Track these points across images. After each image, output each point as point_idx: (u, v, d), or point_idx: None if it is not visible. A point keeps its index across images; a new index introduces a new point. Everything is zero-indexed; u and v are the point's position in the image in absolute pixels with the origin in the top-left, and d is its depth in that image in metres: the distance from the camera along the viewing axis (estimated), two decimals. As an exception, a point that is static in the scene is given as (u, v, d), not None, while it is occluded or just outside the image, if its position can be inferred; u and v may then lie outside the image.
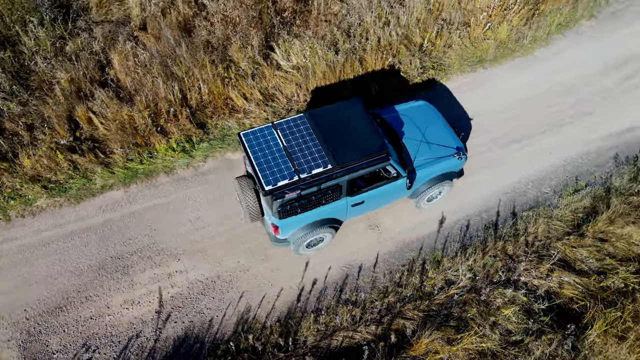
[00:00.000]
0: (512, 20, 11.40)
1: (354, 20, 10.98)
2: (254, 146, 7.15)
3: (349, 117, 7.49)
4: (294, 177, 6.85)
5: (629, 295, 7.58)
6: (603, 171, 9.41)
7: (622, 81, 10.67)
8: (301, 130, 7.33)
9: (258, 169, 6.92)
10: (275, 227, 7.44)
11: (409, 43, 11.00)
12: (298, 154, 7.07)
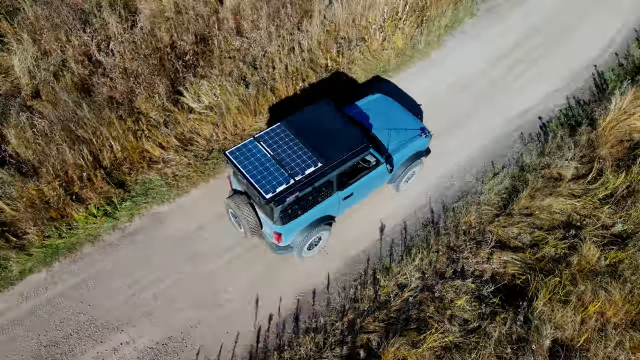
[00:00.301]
0: (404, 28, 12.11)
1: (257, 52, 11.09)
2: (242, 161, 7.45)
3: (323, 117, 8.04)
4: (289, 180, 7.21)
5: (562, 261, 8.14)
6: (513, 152, 10.14)
7: (509, 69, 11.64)
8: (283, 138, 7.71)
9: (253, 180, 7.23)
10: (279, 234, 7.64)
11: (315, 65, 11.29)
12: (287, 159, 7.44)
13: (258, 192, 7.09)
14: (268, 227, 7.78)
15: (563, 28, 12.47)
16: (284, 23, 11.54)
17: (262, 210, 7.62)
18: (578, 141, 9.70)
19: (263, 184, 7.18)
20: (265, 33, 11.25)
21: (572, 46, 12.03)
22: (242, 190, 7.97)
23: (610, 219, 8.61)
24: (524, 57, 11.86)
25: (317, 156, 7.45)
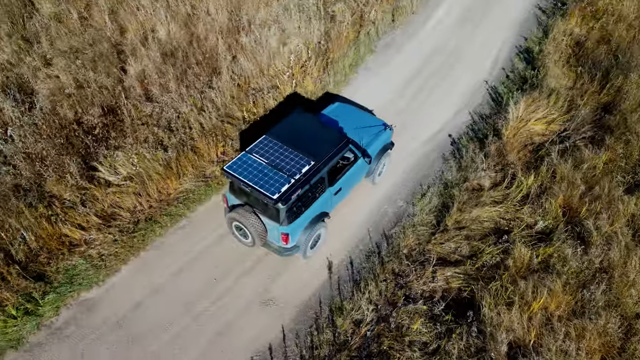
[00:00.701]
0: (312, 72, 12.58)
1: (171, 115, 10.90)
2: (241, 172, 8.10)
3: (301, 124, 9.04)
4: (290, 180, 7.91)
5: (500, 266, 8.54)
6: (435, 171, 10.68)
7: (414, 96, 12.42)
8: (272, 147, 8.48)
9: (257, 186, 7.85)
10: (286, 235, 8.16)
11: (232, 119, 11.30)
12: (282, 164, 8.18)
13: (265, 195, 7.72)
14: (273, 233, 8.26)
15: (453, 52, 13.62)
16: (194, 83, 11.52)
17: (267, 215, 8.16)
18: (488, 152, 10.45)
19: (267, 187, 7.81)
20: (176, 95, 11.13)
21: (464, 67, 13.13)
22: (242, 203, 8.42)
23: (531, 218, 9.24)
24: (424, 83, 12.74)
25: (308, 156, 8.24)
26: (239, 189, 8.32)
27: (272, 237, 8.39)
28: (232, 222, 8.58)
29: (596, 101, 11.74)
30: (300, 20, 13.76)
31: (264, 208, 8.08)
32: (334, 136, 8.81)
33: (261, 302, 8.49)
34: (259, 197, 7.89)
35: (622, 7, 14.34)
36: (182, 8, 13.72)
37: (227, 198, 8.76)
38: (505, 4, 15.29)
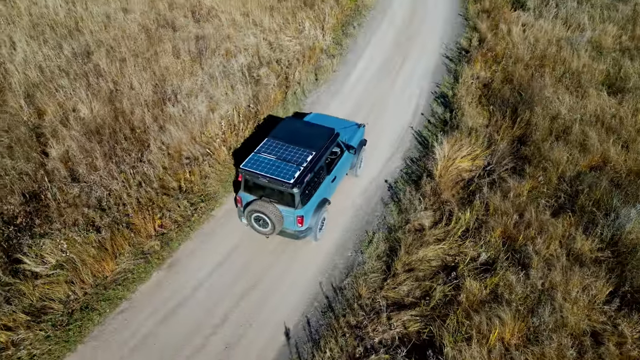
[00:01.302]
0: (244, 135, 12.68)
1: (101, 193, 10.40)
2: (257, 167, 9.37)
3: (296, 126, 10.61)
4: (300, 168, 9.32)
5: (453, 302, 8.68)
6: (378, 216, 10.91)
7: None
8: (276, 146, 9.85)
9: (274, 175, 9.16)
10: (301, 217, 9.39)
11: (169, 190, 10.98)
12: (289, 157, 9.56)
13: (282, 182, 9.05)
14: (289, 219, 9.45)
15: (377, 103, 14.40)
16: (123, 158, 11.17)
17: (283, 203, 9.35)
18: (425, 192, 10.89)
19: (282, 175, 9.14)
20: (105, 172, 10.69)
21: (389, 116, 13.87)
22: (257, 198, 9.52)
23: (474, 251, 9.59)
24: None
25: (309, 148, 9.75)
26: (254, 185, 9.50)
27: (288, 223, 9.57)
28: (252, 214, 9.49)
29: (511, 135, 12.76)
30: (226, 86, 14.02)
31: (280, 197, 9.36)
32: (324, 131, 10.45)
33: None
34: (275, 187, 9.22)
35: (516, 51, 16.07)
36: (103, 85, 13.52)
37: (242, 197, 9.78)
38: (417, 56, 16.60)
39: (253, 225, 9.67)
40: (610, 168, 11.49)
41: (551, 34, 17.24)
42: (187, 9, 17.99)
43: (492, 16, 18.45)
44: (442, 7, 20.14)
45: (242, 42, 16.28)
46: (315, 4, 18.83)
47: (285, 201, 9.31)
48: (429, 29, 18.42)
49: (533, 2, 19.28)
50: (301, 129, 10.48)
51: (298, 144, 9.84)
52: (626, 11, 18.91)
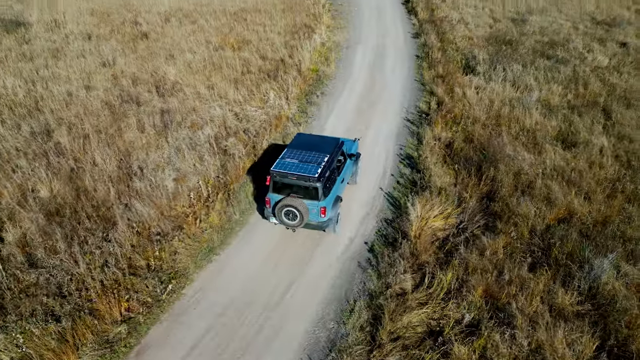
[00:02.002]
0: (215, 206, 12.38)
1: (61, 278, 9.69)
2: (285, 168, 11.12)
3: (307, 138, 12.81)
4: (320, 166, 11.12)
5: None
6: (358, 283, 10.61)
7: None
8: (296, 152, 11.65)
9: (301, 172, 10.93)
10: (324, 207, 11.07)
11: (137, 269, 10.38)
12: (308, 159, 11.37)
13: (308, 177, 10.86)
14: (314, 211, 11.11)
15: (347, 167, 14.58)
16: (86, 239, 10.58)
17: (308, 198, 11.02)
18: (403, 254, 10.77)
19: (307, 173, 10.92)
20: (66, 255, 10.04)
21: (359, 179, 13.98)
22: (284, 196, 11.15)
23: (458, 313, 9.38)
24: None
25: (323, 152, 11.66)
26: (282, 185, 11.20)
27: (313, 215, 11.18)
28: (283, 209, 10.99)
29: (478, 191, 13.05)
30: (194, 158, 13.87)
31: (305, 192, 11.04)
32: (332, 140, 12.62)
33: None
34: (300, 184, 10.98)
35: (473, 112, 16.91)
36: (64, 164, 13.09)
37: (270, 198, 11.34)
38: (379, 121, 17.15)
39: (283, 219, 11.18)
40: (577, 219, 11.82)
41: (503, 95, 18.32)
42: (151, 84, 18.13)
43: (446, 81, 19.52)
44: (399, 74, 21.21)
45: (208, 114, 16.39)
46: (279, 76, 19.43)
47: (310, 195, 11.05)
48: (389, 95, 19.24)
49: (482, 67, 20.61)
50: (313, 139, 12.66)
51: (313, 150, 11.76)
52: (567, 72, 20.48)
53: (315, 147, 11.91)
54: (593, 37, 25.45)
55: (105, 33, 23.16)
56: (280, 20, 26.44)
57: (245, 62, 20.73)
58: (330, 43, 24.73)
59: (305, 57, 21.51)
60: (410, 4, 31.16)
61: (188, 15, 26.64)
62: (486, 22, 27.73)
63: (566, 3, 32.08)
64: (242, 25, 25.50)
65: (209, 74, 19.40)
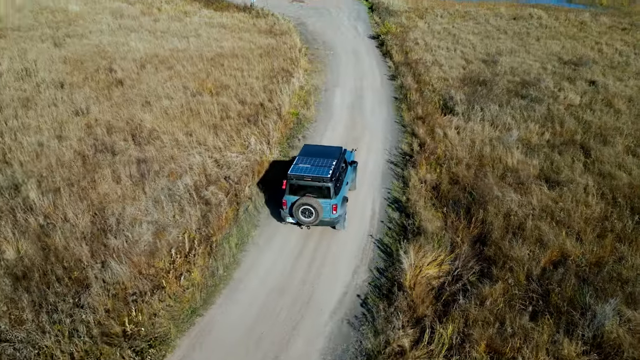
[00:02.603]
0: (197, 261, 11.66)
1: (28, 353, 8.73)
2: (299, 171, 12.69)
3: (314, 148, 14.42)
4: (330, 169, 12.68)
5: None
6: (353, 341, 9.93)
7: (309, 265, 12.18)
8: (307, 159, 13.16)
9: (315, 174, 12.53)
10: (335, 205, 12.50)
11: (111, 337, 9.48)
12: (319, 163, 12.91)
13: (321, 177, 12.37)
14: (326, 209, 12.42)
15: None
16: (56, 305, 9.69)
17: (321, 197, 12.42)
18: (399, 307, 10.22)
19: (321, 174, 12.44)
20: (33, 326, 9.11)
21: (351, 225, 13.53)
22: (300, 196, 12.51)
23: (462, 371, 8.82)
24: (316, 248, 12.68)
25: (330, 158, 13.22)
26: (297, 187, 12.63)
27: (326, 212, 12.50)
28: (300, 208, 12.38)
29: (469, 234, 12.76)
30: (173, 209, 13.22)
31: (319, 192, 12.50)
32: (336, 148, 14.30)
33: None
34: (314, 185, 12.49)
35: (456, 152, 16.89)
36: (33, 221, 12.24)
37: (287, 200, 12.71)
38: (363, 164, 16.91)
39: (300, 217, 12.55)
40: (571, 262, 11.57)
41: (483, 135, 18.44)
42: (127, 133, 17.56)
43: (427, 122, 19.60)
44: (379, 116, 21.26)
45: (187, 162, 15.84)
46: (259, 120, 19.16)
47: (323, 194, 12.50)
48: (370, 137, 19.15)
49: (460, 107, 20.85)
50: (319, 148, 14.44)
51: (322, 156, 13.34)
52: (542, 110, 20.90)
53: (323, 154, 13.60)
54: (562, 76, 26.34)
55: (79, 81, 22.62)
56: (258, 64, 26.49)
57: (224, 107, 20.44)
58: (309, 86, 24.81)
59: (285, 101, 21.40)
60: (384, 47, 31.86)
61: (164, 62, 26.41)
62: (459, 63, 28.44)
63: (533, 44, 33.40)
64: (220, 70, 25.39)
65: (187, 121, 18.98)
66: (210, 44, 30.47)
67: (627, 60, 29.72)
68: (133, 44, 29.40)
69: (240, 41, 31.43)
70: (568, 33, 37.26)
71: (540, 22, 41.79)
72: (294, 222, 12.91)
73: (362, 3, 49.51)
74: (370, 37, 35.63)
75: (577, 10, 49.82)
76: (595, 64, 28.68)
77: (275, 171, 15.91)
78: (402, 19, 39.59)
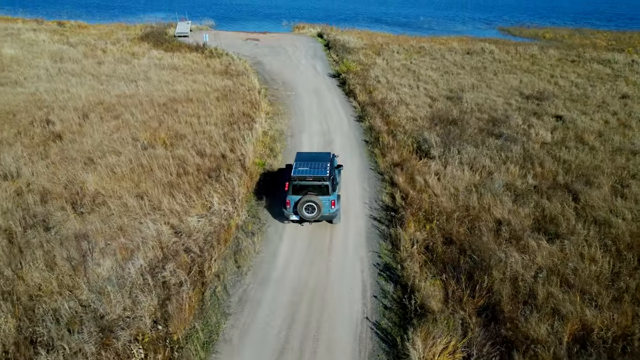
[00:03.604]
0: None
1: None
2: (302, 173, 14.40)
3: (307, 154, 16.38)
4: (327, 170, 14.59)
5: None
6: None
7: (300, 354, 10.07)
8: (304, 163, 15.08)
9: (316, 174, 14.32)
10: (334, 200, 14.31)
11: None
12: (316, 166, 14.83)
13: (321, 177, 14.25)
14: (326, 204, 14.20)
15: (316, 287, 12.14)
16: None
17: (321, 194, 14.22)
18: None
19: (320, 173, 14.33)
20: None
21: (336, 306, 11.55)
22: (302, 195, 14.15)
23: None
24: (302, 342, 10.55)
25: (324, 161, 15.16)
26: (299, 188, 14.17)
27: (325, 208, 14.12)
28: (304, 205, 13.91)
29: (475, 306, 11.12)
30: (123, 301, 10.80)
31: (318, 191, 14.15)
32: (326, 154, 16.00)
33: None
34: (314, 184, 14.14)
35: (441, 203, 15.45)
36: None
37: (290, 200, 14.15)
38: (344, 223, 15.11)
39: (304, 214, 13.93)
40: (596, 336, 10.10)
41: (465, 180, 17.22)
42: (66, 199, 14.97)
43: (404, 168, 18.20)
44: (352, 163, 19.69)
45: (139, 234, 13.45)
46: (221, 175, 17.08)
47: (322, 192, 14.07)
48: (346, 189, 17.43)
49: (436, 150, 19.68)
50: (312, 155, 16.10)
51: (316, 160, 15.14)
52: (518, 150, 20.09)
53: (316, 158, 15.42)
54: (528, 111, 26.06)
55: (9, 137, 19.74)
56: (216, 109, 24.54)
57: (181, 161, 18.24)
58: (273, 132, 23.07)
59: (249, 150, 19.47)
60: (347, 86, 30.82)
61: (110, 109, 23.95)
62: (424, 101, 27.71)
63: (492, 79, 33.48)
64: (174, 117, 23.21)
65: (138, 180, 16.60)
66: (162, 87, 28.31)
67: (585, 92, 30.14)
68: (74, 90, 26.79)
69: (195, 84, 29.47)
70: (522, 66, 37.91)
71: (493, 56, 42.57)
72: (296, 220, 14.42)
73: (318, 41, 49.03)
74: (331, 75, 34.66)
75: (524, 43, 51.58)
76: (556, 97, 28.78)
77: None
78: (359, 56, 39.08)
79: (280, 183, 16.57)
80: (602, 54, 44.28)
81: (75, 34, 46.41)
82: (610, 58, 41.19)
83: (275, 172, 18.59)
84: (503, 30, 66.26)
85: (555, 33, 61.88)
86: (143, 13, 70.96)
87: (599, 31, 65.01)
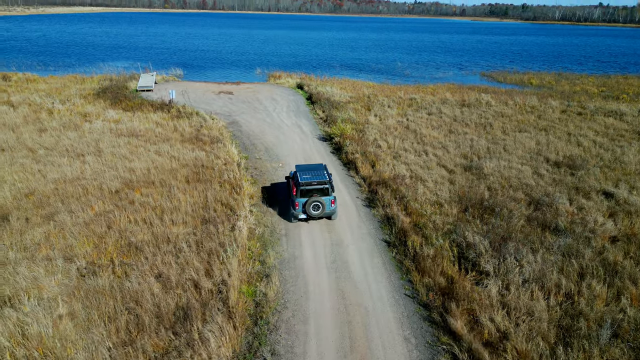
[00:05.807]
0: None
1: None
2: (307, 179, 17.78)
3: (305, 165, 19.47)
4: (326, 176, 18.18)
5: None
6: None
7: None
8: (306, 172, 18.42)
9: (319, 179, 17.74)
10: (333, 199, 17.61)
11: None
12: (316, 174, 18.26)
13: (323, 181, 17.60)
14: (327, 203, 17.50)
15: None
16: None
17: (323, 195, 17.52)
18: None
19: (322, 178, 17.77)
20: None
21: None
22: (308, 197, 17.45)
23: None
24: None
25: (320, 170, 18.79)
26: (306, 191, 17.46)
27: (327, 207, 17.53)
28: (312, 204, 17.22)
29: None
30: None
31: (321, 192, 17.55)
32: (319, 164, 19.58)
33: None
34: (317, 187, 17.47)
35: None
36: None
37: (299, 202, 17.39)
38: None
39: (311, 212, 17.29)
40: None
41: (545, 319, 12.06)
42: None
43: (456, 299, 12.92)
44: (376, 288, 14.21)
45: None
46: (194, 328, 11.33)
47: (324, 193, 17.57)
48: (377, 348, 11.94)
49: (489, 261, 14.58)
50: (309, 166, 19.35)
51: (314, 170, 18.78)
52: (590, 254, 15.24)
53: (313, 168, 19.00)
54: (567, 186, 21.58)
55: None
56: (185, 197, 18.91)
57: (135, 302, 12.41)
58: (262, 228, 17.55)
59: (233, 271, 13.86)
60: (343, 155, 25.87)
61: (42, 204, 17.95)
62: (441, 174, 22.94)
63: (505, 139, 29.31)
64: (129, 212, 17.42)
65: (68, 345, 10.64)
66: (116, 165, 22.49)
67: (616, 155, 26.17)
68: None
69: (159, 157, 23.83)
70: (530, 121, 34.17)
71: (491, 108, 38.94)
72: (304, 218, 17.86)
73: (298, 93, 44.50)
74: (321, 138, 29.74)
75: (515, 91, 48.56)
76: (587, 163, 24.63)
77: None
78: (349, 113, 34.51)
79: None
80: (603, 103, 41.44)
81: (21, 90, 40.29)
82: (615, 109, 38.17)
83: (276, 314, 12.92)
84: (486, 76, 63.91)
85: (540, 79, 59.75)
86: (103, 62, 65.32)
87: (582, 76, 63.56)
